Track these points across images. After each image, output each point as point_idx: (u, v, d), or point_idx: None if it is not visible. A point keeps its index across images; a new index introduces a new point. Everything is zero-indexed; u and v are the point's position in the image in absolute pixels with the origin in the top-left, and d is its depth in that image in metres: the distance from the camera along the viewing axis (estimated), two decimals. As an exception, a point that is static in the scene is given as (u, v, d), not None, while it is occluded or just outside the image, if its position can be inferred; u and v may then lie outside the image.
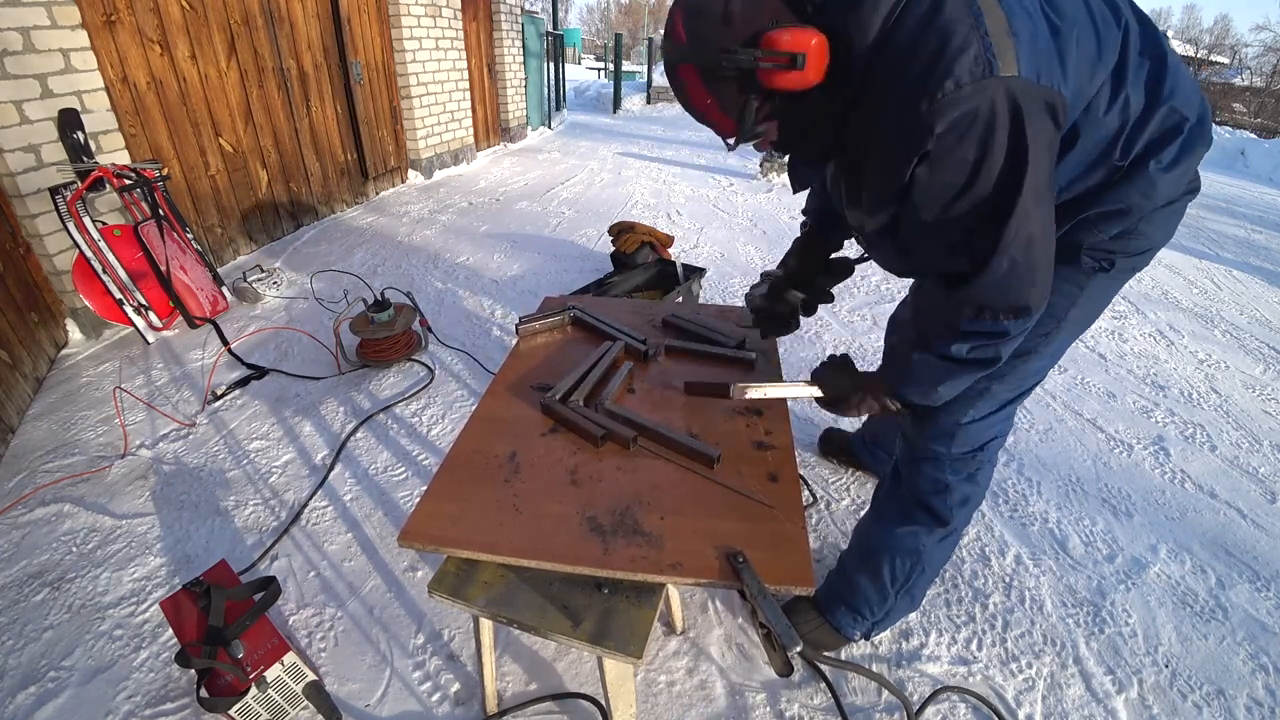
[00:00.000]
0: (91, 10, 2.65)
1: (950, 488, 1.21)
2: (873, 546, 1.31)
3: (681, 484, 1.05)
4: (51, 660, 1.35)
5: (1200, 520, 1.85)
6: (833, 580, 1.40)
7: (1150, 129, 0.89)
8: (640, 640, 0.85)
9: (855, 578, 1.34)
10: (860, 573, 1.33)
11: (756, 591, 0.83)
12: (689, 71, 0.86)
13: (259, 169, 3.79)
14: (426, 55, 5.27)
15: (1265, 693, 1.36)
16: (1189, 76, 0.92)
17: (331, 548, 1.65)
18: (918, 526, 1.24)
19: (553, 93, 9.30)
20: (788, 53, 0.79)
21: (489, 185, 5.51)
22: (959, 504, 1.22)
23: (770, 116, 0.90)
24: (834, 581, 1.40)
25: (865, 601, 1.33)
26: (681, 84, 0.89)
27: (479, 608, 0.92)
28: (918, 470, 1.23)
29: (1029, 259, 0.84)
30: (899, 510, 1.27)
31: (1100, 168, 0.91)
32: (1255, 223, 5.55)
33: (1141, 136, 0.89)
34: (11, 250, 2.36)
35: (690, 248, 3.98)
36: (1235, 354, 2.93)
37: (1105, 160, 0.91)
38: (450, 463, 1.08)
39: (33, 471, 1.89)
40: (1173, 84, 0.88)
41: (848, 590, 1.35)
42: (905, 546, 1.26)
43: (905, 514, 1.26)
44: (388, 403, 2.25)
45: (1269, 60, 22.84)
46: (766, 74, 0.82)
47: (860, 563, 1.33)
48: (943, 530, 1.24)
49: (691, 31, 0.83)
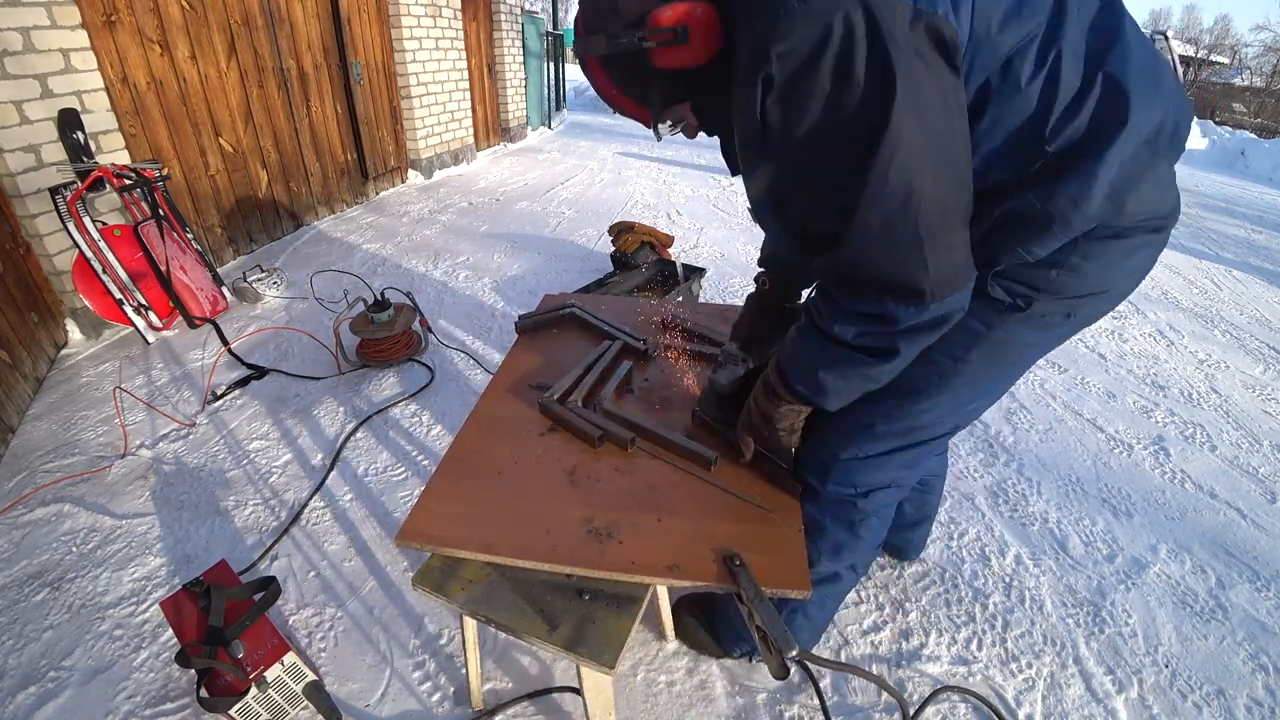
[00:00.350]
0: (91, 10, 2.65)
1: (825, 530, 1.08)
2: None
3: (679, 485, 1.05)
4: (51, 660, 1.36)
5: (1200, 520, 1.85)
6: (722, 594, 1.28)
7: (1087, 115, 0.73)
8: (615, 650, 0.84)
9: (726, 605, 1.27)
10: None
11: (753, 595, 0.83)
12: (593, 63, 0.85)
13: (259, 169, 3.79)
14: (426, 55, 5.27)
15: (1265, 693, 1.36)
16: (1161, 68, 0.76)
17: (331, 548, 1.66)
18: None
19: (553, 93, 9.30)
20: (670, 28, 0.75)
21: (489, 185, 5.51)
22: (829, 550, 1.11)
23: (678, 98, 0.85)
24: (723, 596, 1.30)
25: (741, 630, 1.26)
26: (591, 77, 0.87)
27: (459, 605, 0.91)
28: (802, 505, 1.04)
29: (914, 221, 0.70)
30: None
31: (1022, 151, 0.75)
32: (1255, 223, 5.55)
33: (1073, 123, 0.73)
34: (11, 250, 2.36)
35: (690, 248, 3.98)
36: (1235, 354, 2.93)
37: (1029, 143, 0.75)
38: (449, 463, 1.08)
39: (33, 471, 1.89)
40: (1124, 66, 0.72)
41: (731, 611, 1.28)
42: None
43: None
44: (387, 403, 2.25)
45: (1269, 60, 22.85)
46: (658, 54, 0.78)
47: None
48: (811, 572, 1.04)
49: (587, 22, 0.82)
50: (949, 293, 0.75)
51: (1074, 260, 0.80)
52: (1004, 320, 0.85)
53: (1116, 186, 0.74)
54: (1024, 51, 0.72)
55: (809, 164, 0.75)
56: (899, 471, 1.04)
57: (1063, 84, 0.72)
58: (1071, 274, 0.81)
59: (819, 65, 0.67)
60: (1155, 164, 0.76)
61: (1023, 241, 0.78)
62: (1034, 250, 0.78)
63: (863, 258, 0.75)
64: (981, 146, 0.76)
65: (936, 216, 0.71)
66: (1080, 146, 0.73)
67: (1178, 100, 0.76)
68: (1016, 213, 0.77)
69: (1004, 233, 0.79)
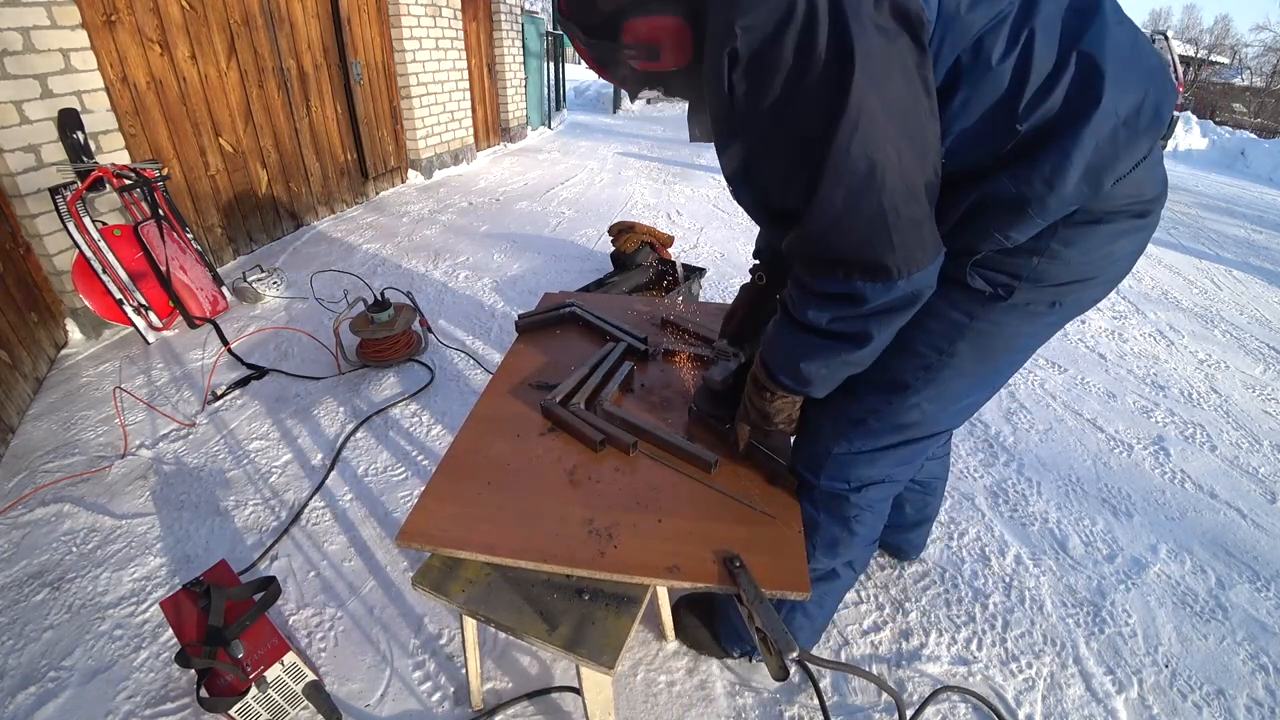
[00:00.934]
0: (91, 10, 2.65)
1: (819, 526, 1.08)
2: None
3: (680, 485, 1.05)
4: (51, 660, 1.36)
5: (1200, 520, 1.85)
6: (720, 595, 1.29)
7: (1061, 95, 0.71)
8: (614, 650, 0.84)
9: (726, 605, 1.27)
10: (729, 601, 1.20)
11: (753, 597, 0.83)
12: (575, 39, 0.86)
13: (259, 169, 3.79)
14: (426, 55, 5.26)
15: (1265, 693, 1.36)
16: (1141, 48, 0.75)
17: (331, 547, 1.65)
18: None
19: (553, 92, 9.29)
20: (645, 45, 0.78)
21: (489, 185, 5.51)
22: (825, 546, 1.10)
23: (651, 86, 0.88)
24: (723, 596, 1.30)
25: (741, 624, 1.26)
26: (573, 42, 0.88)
27: (459, 604, 0.91)
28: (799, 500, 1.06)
29: (878, 196, 0.70)
30: None
31: (995, 131, 0.74)
32: (1255, 223, 5.55)
33: (1045, 102, 0.71)
34: (11, 250, 2.36)
35: (690, 248, 3.98)
36: (1235, 354, 2.93)
37: (1001, 123, 0.73)
38: (449, 463, 1.08)
39: (33, 471, 1.89)
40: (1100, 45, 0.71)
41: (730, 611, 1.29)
42: None
43: None
44: (387, 403, 2.25)
45: (1269, 60, 22.88)
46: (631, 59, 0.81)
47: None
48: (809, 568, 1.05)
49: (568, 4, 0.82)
50: (915, 269, 0.74)
51: (1055, 247, 0.79)
52: (988, 310, 0.84)
53: (1093, 168, 0.72)
54: (996, 30, 0.71)
55: (775, 140, 0.75)
56: (893, 468, 1.03)
57: (1035, 62, 0.71)
58: (1053, 261, 0.80)
59: (782, 40, 0.67)
60: (1135, 145, 0.73)
61: (1000, 227, 0.77)
62: (1012, 236, 0.78)
63: (828, 233, 0.74)
64: (954, 127, 0.75)
65: (901, 192, 0.71)
66: (1053, 127, 0.72)
67: (1159, 80, 0.74)
68: (991, 196, 0.76)
69: (980, 218, 0.78)
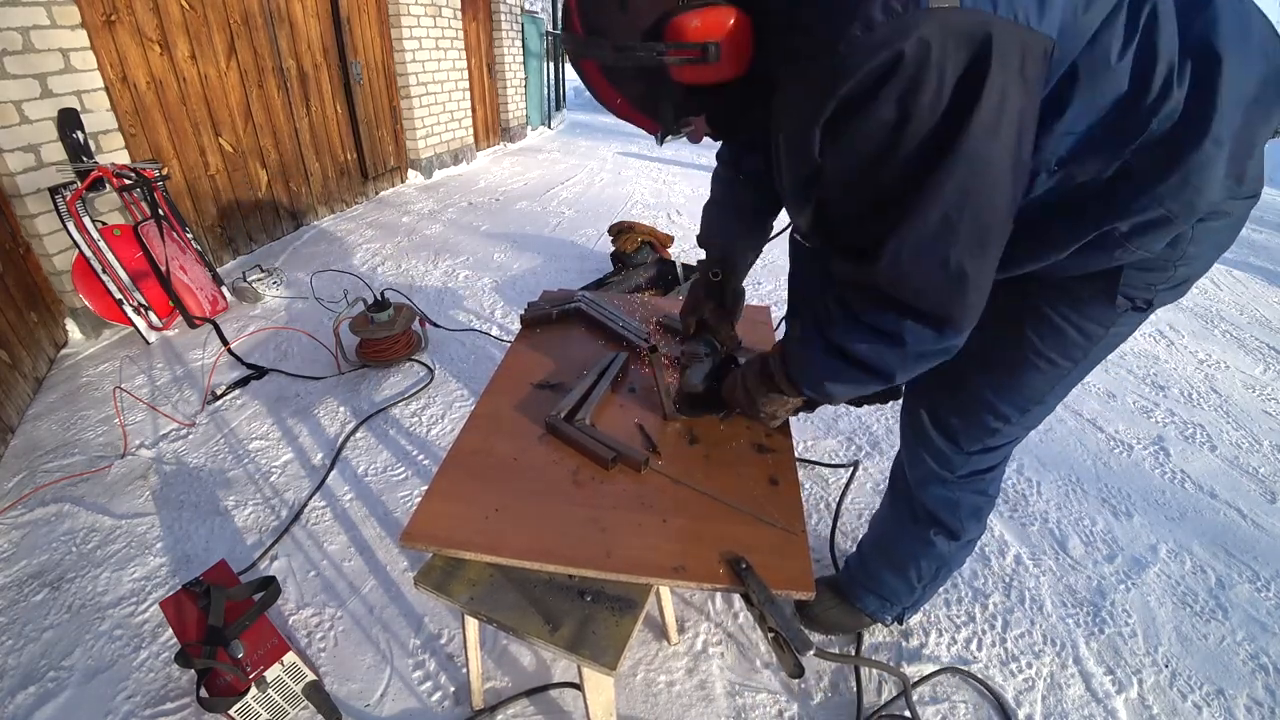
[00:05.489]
0: (91, 10, 2.65)
1: (959, 503, 1.17)
2: (896, 548, 1.30)
3: (683, 487, 1.04)
4: (51, 660, 1.35)
5: (1200, 520, 1.85)
6: (854, 569, 1.41)
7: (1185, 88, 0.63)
8: (616, 651, 0.84)
9: (880, 572, 1.34)
10: (885, 569, 1.33)
11: (763, 597, 0.82)
12: (591, 67, 0.73)
13: (259, 169, 3.78)
14: (426, 55, 5.26)
15: (1265, 693, 1.36)
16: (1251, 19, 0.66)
17: (331, 547, 1.65)
18: (936, 536, 1.22)
19: (553, 92, 9.29)
20: (698, 44, 0.65)
21: (489, 185, 5.51)
22: (969, 516, 1.19)
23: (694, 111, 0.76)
24: (856, 571, 1.40)
25: (894, 592, 1.34)
26: (587, 80, 0.75)
27: (462, 604, 0.91)
28: (925, 488, 1.19)
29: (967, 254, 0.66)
30: (913, 518, 1.24)
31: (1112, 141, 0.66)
32: (1255, 223, 5.55)
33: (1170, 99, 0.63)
34: (11, 250, 2.36)
35: (690, 248, 3.97)
36: (1235, 354, 2.93)
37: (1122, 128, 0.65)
38: (451, 462, 1.08)
39: (33, 471, 1.89)
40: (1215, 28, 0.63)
41: (873, 582, 1.36)
42: (930, 553, 1.24)
43: (920, 523, 1.23)
44: (388, 403, 2.25)
45: (1269, 60, 22.81)
46: (678, 69, 0.68)
47: (884, 559, 1.33)
48: (958, 541, 1.22)
49: (587, 21, 0.69)
50: (969, 326, 0.73)
51: (1190, 250, 0.76)
52: (1122, 318, 0.86)
53: (1235, 158, 0.67)
54: (1111, 23, 0.63)
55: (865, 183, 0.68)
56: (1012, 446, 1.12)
57: (1161, 51, 0.63)
58: (1185, 262, 0.78)
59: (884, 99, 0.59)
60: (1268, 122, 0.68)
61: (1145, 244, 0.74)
62: (1153, 246, 0.74)
63: (905, 277, 0.70)
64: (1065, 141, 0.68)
65: (989, 253, 0.68)
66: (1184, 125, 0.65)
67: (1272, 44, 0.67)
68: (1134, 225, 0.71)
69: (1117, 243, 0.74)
